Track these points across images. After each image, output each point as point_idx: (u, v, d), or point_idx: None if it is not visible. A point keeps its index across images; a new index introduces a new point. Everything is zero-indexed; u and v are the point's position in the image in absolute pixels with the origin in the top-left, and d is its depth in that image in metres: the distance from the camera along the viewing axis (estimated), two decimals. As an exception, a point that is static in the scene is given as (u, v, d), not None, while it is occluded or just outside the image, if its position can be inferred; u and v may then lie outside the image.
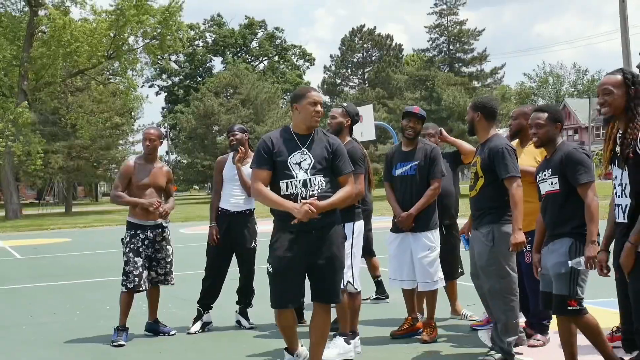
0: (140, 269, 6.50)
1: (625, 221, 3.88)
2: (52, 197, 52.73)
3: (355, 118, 6.18)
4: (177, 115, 61.34)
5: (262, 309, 7.08)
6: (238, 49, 74.48)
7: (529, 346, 5.58)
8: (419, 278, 6.09)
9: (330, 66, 56.88)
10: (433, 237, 6.11)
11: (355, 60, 56.21)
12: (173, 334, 6.71)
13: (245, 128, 7.23)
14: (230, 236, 6.80)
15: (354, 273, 5.64)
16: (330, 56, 57.17)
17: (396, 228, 6.18)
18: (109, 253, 14.84)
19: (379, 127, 30.19)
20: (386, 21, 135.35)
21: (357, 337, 5.72)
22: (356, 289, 5.69)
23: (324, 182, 4.72)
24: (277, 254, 4.69)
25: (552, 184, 4.62)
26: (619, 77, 3.96)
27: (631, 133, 3.84)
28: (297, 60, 75.64)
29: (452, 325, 6.60)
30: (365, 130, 20.80)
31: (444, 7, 51.14)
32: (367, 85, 53.47)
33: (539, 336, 5.65)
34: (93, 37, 34.05)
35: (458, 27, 50.97)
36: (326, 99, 57.07)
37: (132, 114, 46.08)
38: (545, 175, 4.69)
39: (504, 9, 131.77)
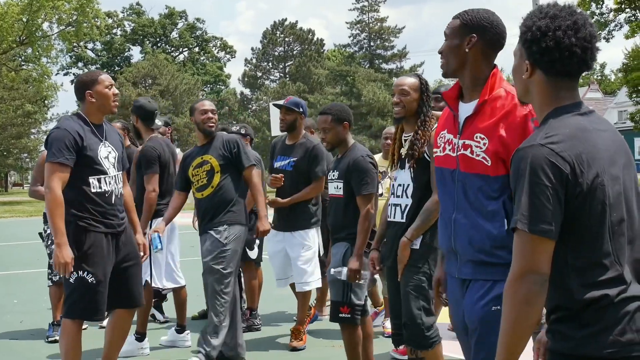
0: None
1: (403, 220, 3.85)
2: (-42, 187, 50.61)
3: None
4: (93, 104, 59.81)
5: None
6: (157, 39, 73.11)
7: None
8: (295, 278, 5.85)
9: (251, 59, 56.48)
10: (308, 237, 5.78)
11: (276, 53, 56.04)
12: (85, 329, 6.54)
13: (169, 121, 7.08)
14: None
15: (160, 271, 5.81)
16: (252, 49, 56.70)
17: (276, 225, 5.85)
18: (19, 245, 14.35)
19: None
20: (308, 16, 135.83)
21: (186, 332, 5.93)
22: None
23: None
24: (97, 260, 4.20)
25: (337, 187, 4.49)
26: (416, 81, 3.94)
27: (422, 135, 3.84)
28: (217, 52, 74.80)
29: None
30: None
31: (365, 3, 51.79)
32: (288, 79, 53.42)
33: None
34: (3, 21, 32.76)
35: (379, 24, 51.74)
36: (247, 91, 56.78)
37: (46, 102, 44.67)
38: (333, 176, 4.54)
39: (423, 8, 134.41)
